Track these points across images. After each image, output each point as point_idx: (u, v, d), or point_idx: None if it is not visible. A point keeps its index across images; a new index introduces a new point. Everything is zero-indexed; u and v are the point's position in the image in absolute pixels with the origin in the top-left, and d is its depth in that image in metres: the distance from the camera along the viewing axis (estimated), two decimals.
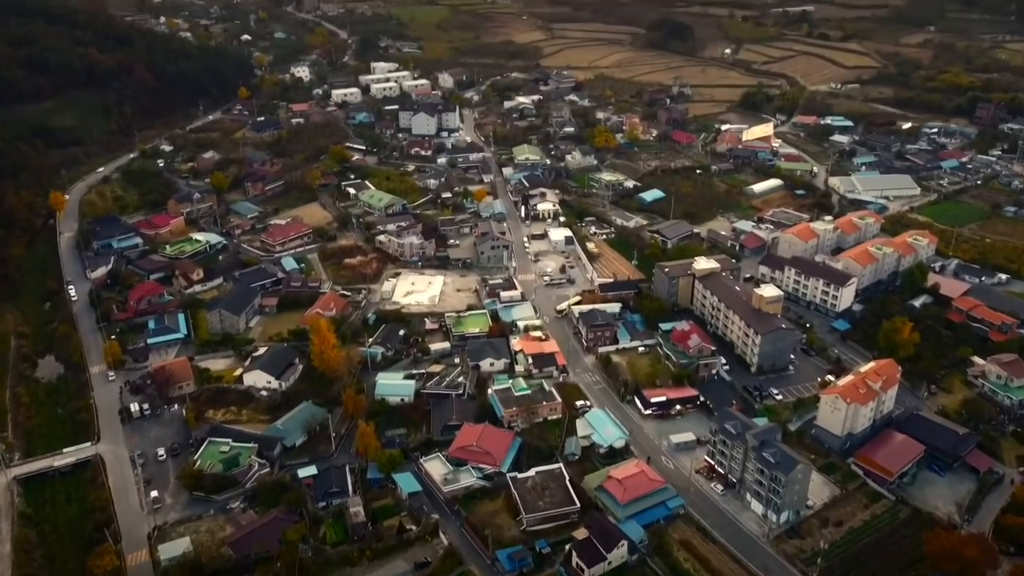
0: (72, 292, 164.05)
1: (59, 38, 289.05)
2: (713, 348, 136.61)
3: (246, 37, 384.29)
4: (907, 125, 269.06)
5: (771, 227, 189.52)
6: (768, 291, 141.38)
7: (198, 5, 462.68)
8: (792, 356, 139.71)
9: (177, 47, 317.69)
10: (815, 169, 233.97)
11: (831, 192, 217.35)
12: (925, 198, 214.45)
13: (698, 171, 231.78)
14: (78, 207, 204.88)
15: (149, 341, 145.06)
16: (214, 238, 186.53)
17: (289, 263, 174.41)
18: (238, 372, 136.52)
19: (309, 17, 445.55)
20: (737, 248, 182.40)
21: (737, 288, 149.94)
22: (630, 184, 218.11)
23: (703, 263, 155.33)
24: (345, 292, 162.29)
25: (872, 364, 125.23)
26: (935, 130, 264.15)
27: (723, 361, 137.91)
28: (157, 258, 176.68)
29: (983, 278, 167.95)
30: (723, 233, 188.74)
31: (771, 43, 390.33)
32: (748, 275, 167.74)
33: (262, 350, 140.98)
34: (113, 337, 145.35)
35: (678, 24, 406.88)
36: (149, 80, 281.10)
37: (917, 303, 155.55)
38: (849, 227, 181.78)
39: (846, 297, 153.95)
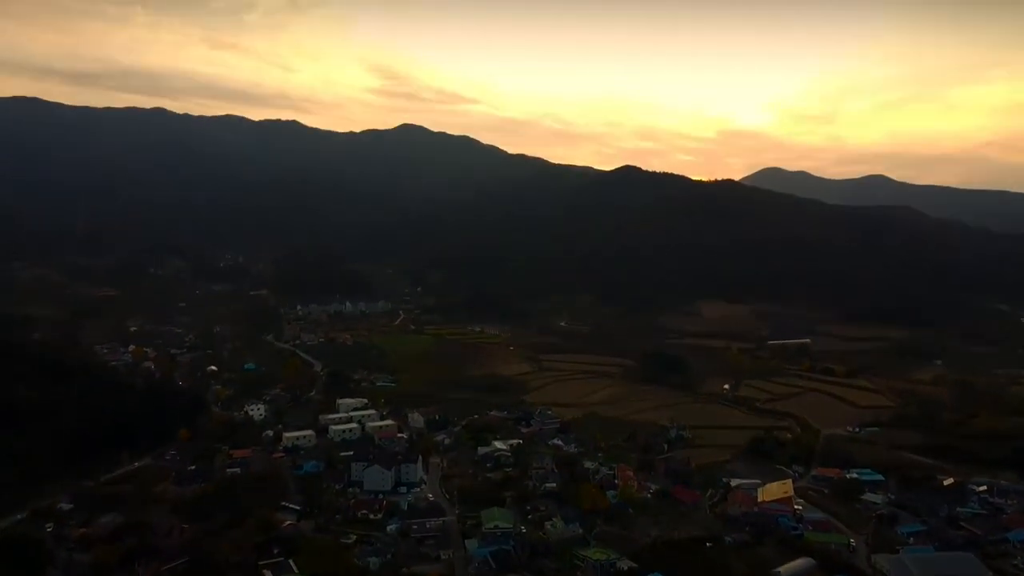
0: None
1: None
2: None
3: (213, 368, 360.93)
4: (948, 481, 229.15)
5: None
6: None
7: (176, 333, 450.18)
8: None
9: (122, 382, 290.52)
10: (852, 542, 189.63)
11: None
12: None
13: (708, 543, 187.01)
14: None
15: None
16: None
17: None
18: None
19: (287, 347, 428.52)
20: None
21: None
22: (624, 566, 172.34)
23: None
24: None
25: None
26: (984, 487, 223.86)
27: None
28: None
29: None
30: None
31: (772, 378, 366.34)
32: None
33: None
34: None
35: (671, 357, 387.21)
36: (74, 422, 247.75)
37: None
38: None
39: None
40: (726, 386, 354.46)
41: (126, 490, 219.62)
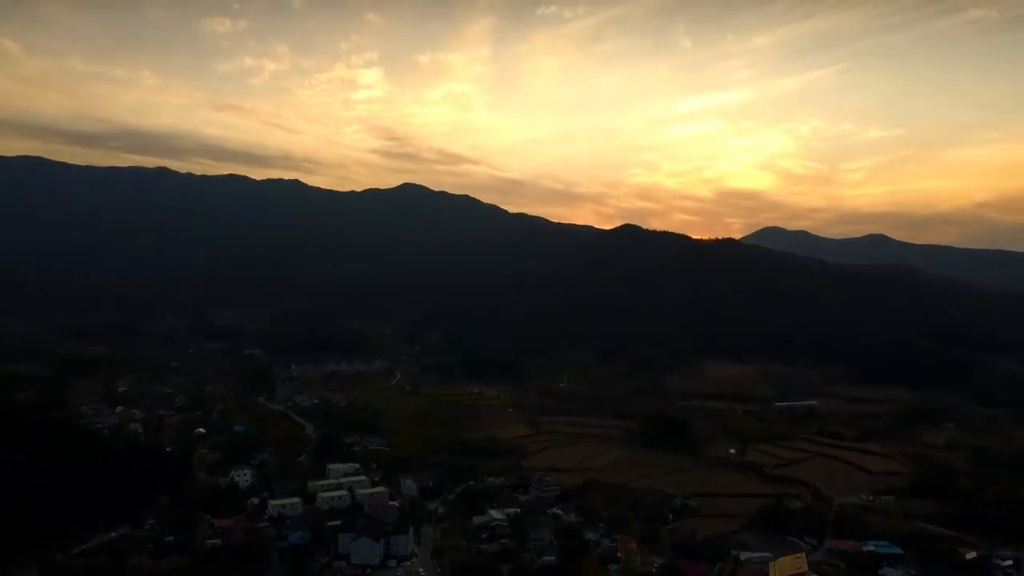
0: None
1: None
2: None
3: (201, 430, 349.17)
4: (971, 554, 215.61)
5: None
6: None
7: (166, 393, 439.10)
8: None
9: (104, 445, 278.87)
10: None
11: None
12: None
13: None
14: None
15: None
16: None
17: None
18: None
19: (279, 408, 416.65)
20: None
21: None
22: None
23: None
24: None
25: None
26: (1010, 562, 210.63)
27: None
28: None
29: None
30: None
31: (779, 442, 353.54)
32: None
33: None
34: None
35: (675, 419, 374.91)
36: (51, 487, 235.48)
37: None
38: None
39: None
40: (732, 450, 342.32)
41: (99, 563, 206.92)
